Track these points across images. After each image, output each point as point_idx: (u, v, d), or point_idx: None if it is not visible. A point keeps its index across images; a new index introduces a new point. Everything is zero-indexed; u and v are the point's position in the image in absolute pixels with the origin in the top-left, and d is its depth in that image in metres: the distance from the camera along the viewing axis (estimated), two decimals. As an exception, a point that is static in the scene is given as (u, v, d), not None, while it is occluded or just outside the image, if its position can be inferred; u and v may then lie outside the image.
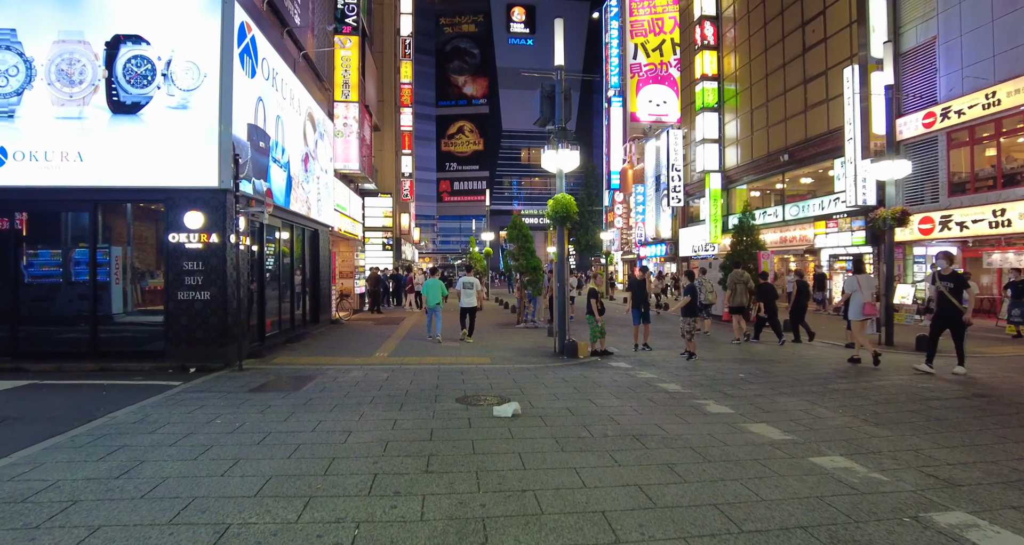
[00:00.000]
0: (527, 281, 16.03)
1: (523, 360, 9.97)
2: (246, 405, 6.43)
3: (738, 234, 17.58)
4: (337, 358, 10.00)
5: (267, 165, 10.65)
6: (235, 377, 8.24)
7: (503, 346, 11.78)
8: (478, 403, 6.50)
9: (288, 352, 10.69)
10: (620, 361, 10.02)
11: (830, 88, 20.67)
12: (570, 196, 10.69)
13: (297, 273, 13.49)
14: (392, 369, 8.92)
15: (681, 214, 31.47)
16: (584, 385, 7.74)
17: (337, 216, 16.56)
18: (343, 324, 15.85)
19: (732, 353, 11.08)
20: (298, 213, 12.60)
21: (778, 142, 23.72)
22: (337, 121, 16.50)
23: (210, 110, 9.04)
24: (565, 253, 11.01)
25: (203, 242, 9.12)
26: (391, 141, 30.39)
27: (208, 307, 9.14)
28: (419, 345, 11.78)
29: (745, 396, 7.08)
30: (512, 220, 16.29)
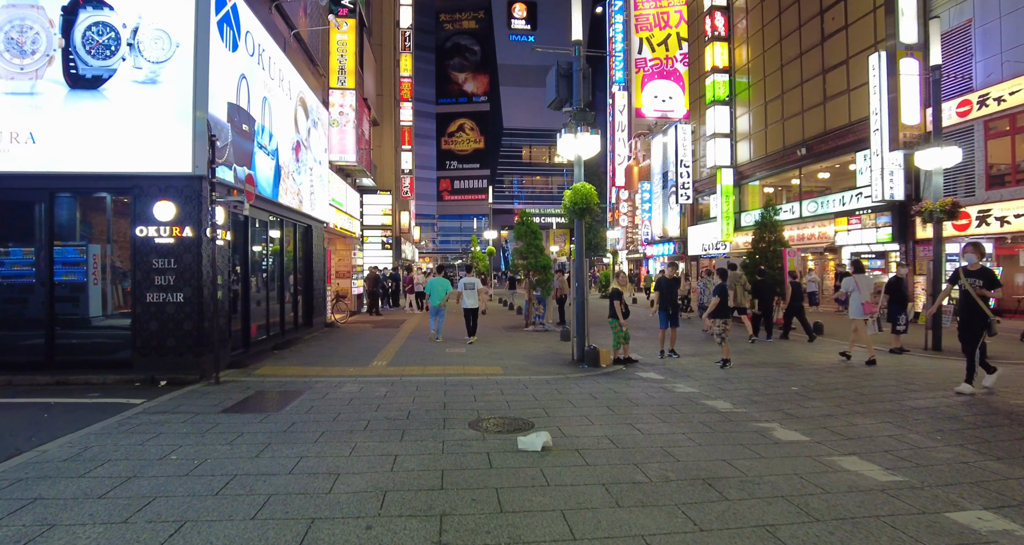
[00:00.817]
0: (536, 281, 14.84)
1: (539, 370, 8.78)
2: (214, 432, 5.22)
3: (760, 231, 16.41)
4: (329, 368, 8.79)
5: (252, 151, 9.45)
6: (209, 392, 7.04)
7: (514, 352, 10.58)
8: (497, 429, 5.31)
9: (275, 361, 9.49)
10: (648, 371, 8.84)
11: (852, 78, 19.50)
12: (590, 185, 9.50)
13: (288, 272, 12.29)
14: (391, 382, 7.72)
15: (690, 212, 30.30)
16: (617, 403, 6.54)
17: (332, 211, 15.36)
18: (339, 327, 14.65)
19: (765, 358, 9.89)
20: (288, 206, 11.40)
21: (794, 135, 22.55)
22: (332, 109, 15.31)
23: (183, 85, 7.83)
24: (584, 249, 9.82)
25: (175, 236, 7.91)
26: (391, 137, 29.19)
27: (181, 311, 7.94)
28: (421, 351, 10.59)
29: (812, 416, 5.89)
30: (520, 216, 15.09)
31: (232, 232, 9.12)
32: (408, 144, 30.70)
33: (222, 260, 8.45)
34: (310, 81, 13.62)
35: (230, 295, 9.18)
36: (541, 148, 65.82)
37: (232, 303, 9.41)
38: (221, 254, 8.40)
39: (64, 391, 7.14)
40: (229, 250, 8.82)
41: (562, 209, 9.88)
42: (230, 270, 8.88)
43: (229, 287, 8.85)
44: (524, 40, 64.63)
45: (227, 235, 8.57)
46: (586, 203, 9.35)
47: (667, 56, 37.86)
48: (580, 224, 9.78)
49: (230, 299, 9.22)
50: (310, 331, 13.16)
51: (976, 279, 6.86)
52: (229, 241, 8.77)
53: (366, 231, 27.27)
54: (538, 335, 13.54)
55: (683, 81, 37.59)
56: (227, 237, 8.57)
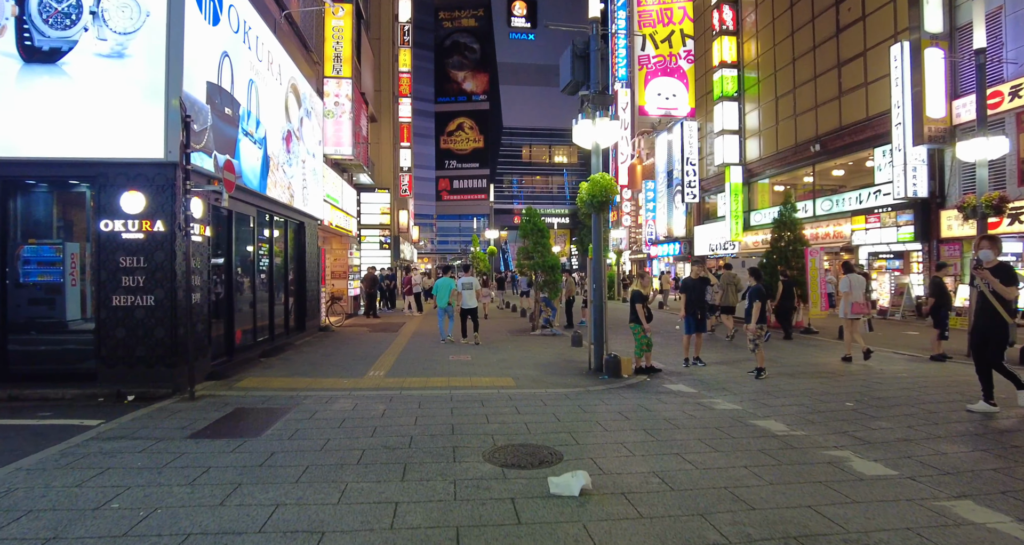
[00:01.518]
0: (543, 282, 13.90)
1: (555, 381, 7.84)
2: (174, 467, 4.26)
3: (779, 230, 15.50)
4: (321, 379, 7.83)
5: (235, 138, 8.49)
6: (181, 410, 6.07)
7: (524, 360, 9.63)
8: (519, 463, 4.35)
9: (261, 370, 8.52)
10: (676, 382, 7.90)
11: (869, 70, 18.63)
12: (609, 176, 8.56)
13: (278, 273, 11.32)
14: (390, 396, 6.76)
15: (696, 211, 29.39)
16: (654, 425, 5.60)
17: (327, 208, 14.40)
18: (334, 331, 13.68)
19: (794, 366, 8.96)
20: (278, 201, 10.43)
21: (807, 132, 21.67)
22: (327, 100, 14.35)
23: (154, 60, 6.87)
24: (602, 246, 8.88)
25: (145, 231, 6.95)
26: (389, 133, 28.24)
27: (152, 316, 6.97)
28: (422, 359, 9.63)
29: (887, 442, 4.96)
30: (526, 213, 14.16)
31: (213, 228, 8.16)
32: (407, 141, 29.76)
33: (201, 259, 7.49)
34: (303, 68, 12.66)
35: (211, 298, 8.22)
36: (541, 147, 64.86)
37: (214, 307, 8.45)
38: (199, 252, 7.44)
39: (10, 409, 6.16)
40: (209, 247, 7.85)
41: (578, 202, 8.94)
42: (210, 270, 7.91)
43: (210, 289, 7.89)
44: (524, 38, 63.71)
45: (206, 230, 7.61)
46: (605, 195, 8.42)
47: (671, 53, 37.01)
48: (598, 219, 8.84)
49: (211, 302, 8.26)
50: (303, 336, 12.19)
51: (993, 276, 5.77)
52: (209, 237, 7.81)
53: (364, 230, 26.34)
54: (547, 340, 12.59)
55: (687, 78, 36.73)
56: (206, 232, 7.61)
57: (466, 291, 12.02)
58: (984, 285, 5.90)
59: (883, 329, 14.32)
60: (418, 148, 52.59)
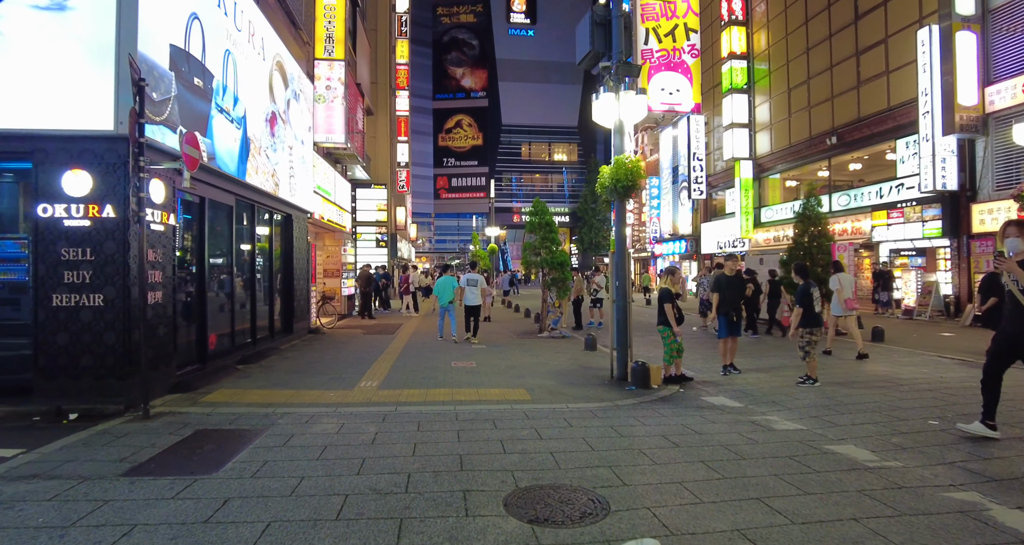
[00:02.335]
0: (551, 280, 12.78)
1: (575, 393, 6.72)
2: (84, 527, 3.12)
3: (803, 225, 14.42)
4: (303, 392, 6.69)
5: (207, 114, 7.36)
6: (127, 434, 4.94)
7: (536, 367, 8.51)
8: (554, 518, 3.23)
9: (236, 380, 7.37)
10: (715, 393, 6.80)
11: (891, 58, 17.58)
12: (636, 159, 7.46)
13: (261, 270, 10.19)
14: (384, 414, 5.64)
15: (703, 208, 28.33)
16: (711, 453, 4.48)
17: (318, 201, 13.26)
18: (325, 334, 12.53)
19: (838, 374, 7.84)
20: (260, 189, 9.29)
21: (822, 124, 20.60)
22: (319, 83, 13.22)
23: (102, 13, 5.74)
24: (625, 239, 7.77)
25: (92, 217, 5.81)
26: (386, 127, 27.09)
27: (101, 318, 5.83)
28: (422, 365, 8.51)
29: (1018, 478, 3.87)
30: (534, 206, 13.05)
31: (182, 217, 7.03)
32: (404, 135, 28.63)
33: (163, 251, 6.35)
34: (292, 48, 11.52)
35: (181, 297, 7.09)
36: (541, 145, 63.63)
37: (184, 307, 7.33)
38: (161, 243, 6.30)
39: (-80, 433, 5.02)
40: (175, 238, 6.72)
41: (598, 189, 7.83)
42: (176, 265, 6.77)
43: (175, 287, 6.75)
44: (524, 34, 62.48)
45: (170, 218, 6.47)
46: (631, 180, 7.32)
47: (674, 47, 35.80)
48: (621, 208, 7.73)
49: (181, 302, 7.14)
50: (289, 339, 11.04)
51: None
52: (175, 227, 6.67)
53: (359, 227, 25.18)
54: (556, 343, 11.48)
55: (691, 73, 35.42)
56: (170, 221, 6.47)
57: (471, 288, 11.56)
58: (1012, 282, 4.73)
59: (913, 331, 13.25)
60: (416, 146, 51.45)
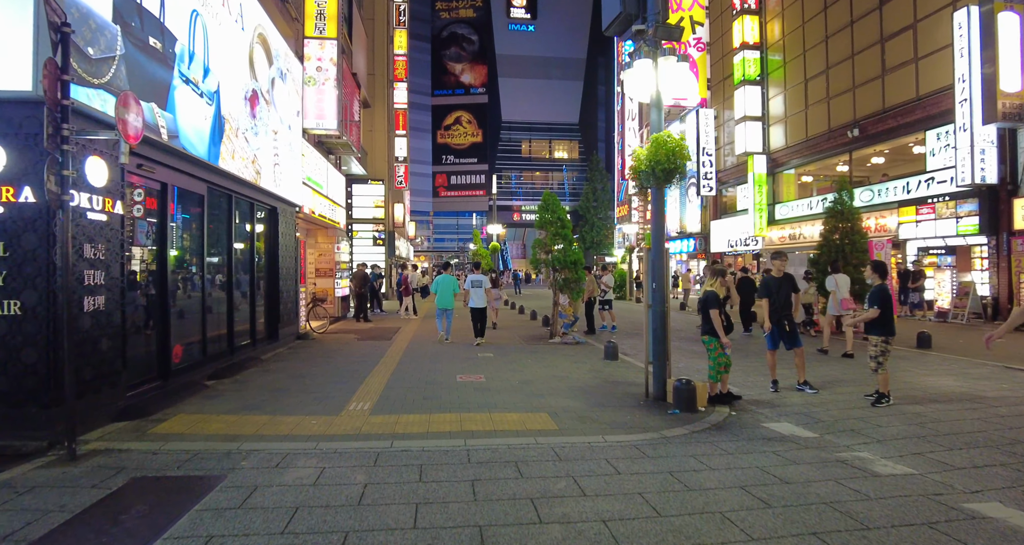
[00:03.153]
0: (563, 281, 11.56)
1: (609, 418, 5.51)
2: None
3: (833, 220, 13.29)
4: (279, 418, 5.45)
5: (167, 82, 6.11)
6: (35, 488, 3.70)
7: (555, 382, 7.29)
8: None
9: (202, 401, 6.14)
10: (776, 417, 5.60)
11: (921, 44, 16.40)
12: (678, 138, 6.26)
13: (240, 269, 8.94)
14: (376, 453, 4.41)
15: (713, 204, 27.14)
16: (817, 517, 3.25)
17: (308, 194, 12.01)
18: (315, 340, 11.28)
19: (904, 387, 6.65)
20: (237, 177, 8.05)
21: (843, 115, 19.41)
22: (309, 64, 11.97)
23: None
24: (664, 232, 6.56)
25: (5, 203, 4.57)
26: (383, 120, 25.83)
27: (18, 330, 4.59)
28: (423, 379, 7.28)
29: None
30: (544, 199, 11.83)
31: (137, 207, 5.80)
32: (403, 129, 27.37)
33: (106, 246, 5.12)
34: (278, 22, 10.27)
35: (134, 302, 5.87)
36: (541, 142, 62.30)
37: (144, 314, 6.10)
38: (103, 236, 5.07)
39: None
40: (122, 231, 5.47)
41: (631, 174, 6.63)
42: (125, 263, 5.53)
43: (125, 289, 5.51)
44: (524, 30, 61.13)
45: (113, 205, 5.23)
46: (672, 162, 6.11)
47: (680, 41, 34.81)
48: (659, 196, 6.53)
49: (137, 308, 5.92)
50: (274, 347, 9.80)
51: None
52: (123, 216, 5.43)
53: (356, 225, 23.94)
54: (571, 351, 10.26)
55: (697, 68, 34.41)
56: (114, 208, 5.23)
57: (475, 289, 10.99)
58: None
59: (955, 335, 12.07)
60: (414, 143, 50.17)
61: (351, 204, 23.60)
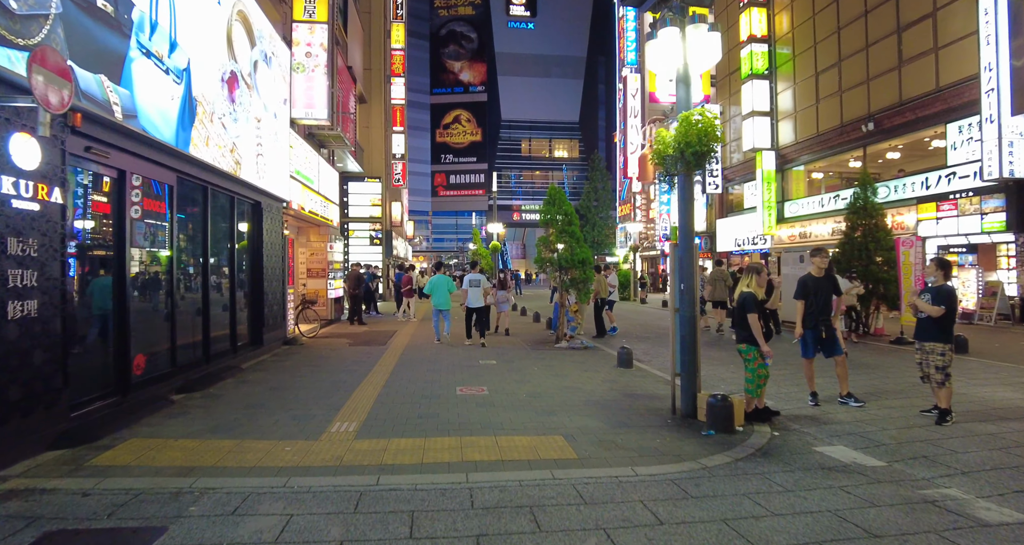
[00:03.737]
0: (570, 281, 10.74)
1: (635, 442, 4.67)
2: None
3: (855, 217, 12.51)
4: (249, 442, 4.61)
5: (122, 53, 5.27)
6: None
7: (567, 395, 6.46)
8: None
9: (163, 421, 5.29)
10: (825, 438, 4.78)
11: (941, 33, 15.59)
12: (710, 115, 5.43)
13: (216, 269, 8.11)
14: (358, 493, 3.57)
15: (719, 203, 26.33)
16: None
17: (297, 188, 11.18)
18: (303, 345, 10.43)
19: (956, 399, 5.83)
20: (212, 166, 7.20)
21: (856, 109, 18.60)
22: (297, 50, 11.13)
23: None
24: (693, 224, 5.73)
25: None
26: (380, 116, 24.98)
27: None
28: (418, 393, 6.44)
29: None
30: (549, 193, 10.99)
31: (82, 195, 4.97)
32: (400, 125, 26.52)
33: (43, 241, 4.28)
34: (262, 2, 9.43)
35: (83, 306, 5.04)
36: (541, 141, 61.40)
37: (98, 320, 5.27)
38: (37, 229, 4.23)
39: None
40: (63, 223, 4.64)
41: (654, 158, 5.82)
42: (64, 261, 4.69)
43: (65, 292, 4.68)
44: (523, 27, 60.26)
45: (49, 192, 4.38)
46: (704, 144, 5.30)
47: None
48: (687, 183, 5.71)
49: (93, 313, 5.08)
50: (256, 354, 8.95)
51: None
52: (63, 206, 4.59)
53: (352, 224, 23.15)
54: (580, 357, 9.42)
55: (700, 64, 33.76)
56: (49, 197, 4.39)
57: (472, 289, 10.60)
58: None
59: (987, 338, 11.24)
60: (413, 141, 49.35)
61: (347, 202, 22.80)
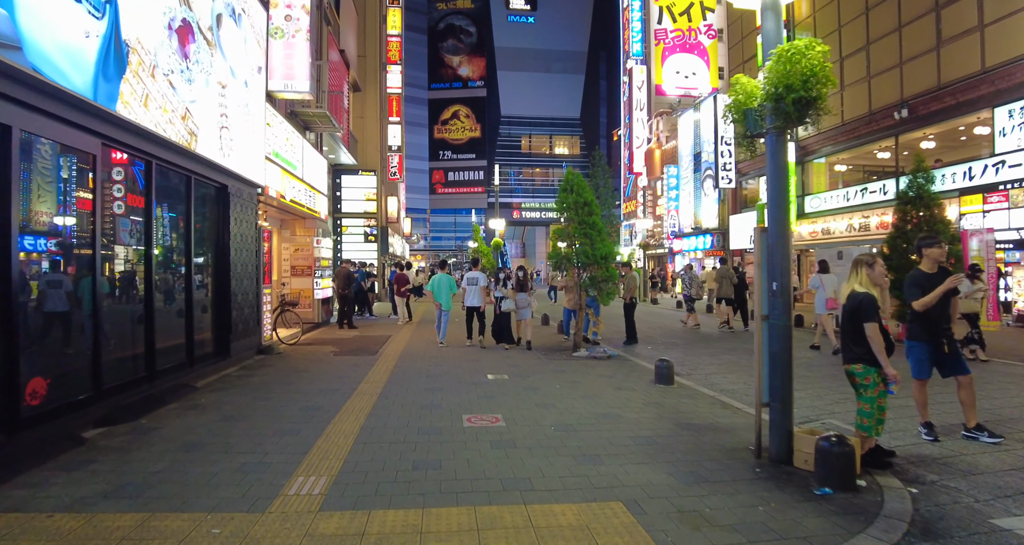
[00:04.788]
0: (589, 280, 9.21)
1: (731, 516, 3.14)
2: None
3: (908, 207, 11.02)
4: (158, 519, 3.03)
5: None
6: None
7: (608, 428, 4.92)
8: None
9: (45, 478, 3.70)
10: (985, 497, 3.27)
11: (987, 9, 14.13)
12: (819, 51, 3.89)
13: (165, 263, 6.55)
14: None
15: (732, 198, 24.82)
16: None
17: (277, 173, 9.63)
18: (280, 354, 8.86)
19: None
20: (156, 134, 5.64)
21: (888, 95, 17.14)
22: (275, 12, 9.56)
23: None
24: (788, 200, 4.17)
25: None
26: (375, 106, 23.42)
27: None
28: (414, 426, 4.90)
29: None
30: (566, 177, 9.45)
31: None
32: (397, 116, 24.94)
33: None
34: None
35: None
36: (541, 138, 59.75)
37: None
38: None
39: None
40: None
41: (733, 112, 4.29)
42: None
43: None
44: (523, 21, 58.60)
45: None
46: (811, 86, 3.76)
47: (690, 27, 32.56)
48: (779, 143, 4.16)
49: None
50: (219, 367, 7.38)
51: None
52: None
53: (345, 220, 21.59)
54: (605, 368, 7.89)
55: (708, 55, 32.30)
56: None
57: (471, 287, 9.89)
58: None
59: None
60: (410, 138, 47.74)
61: (340, 197, 21.25)
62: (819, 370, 7.84)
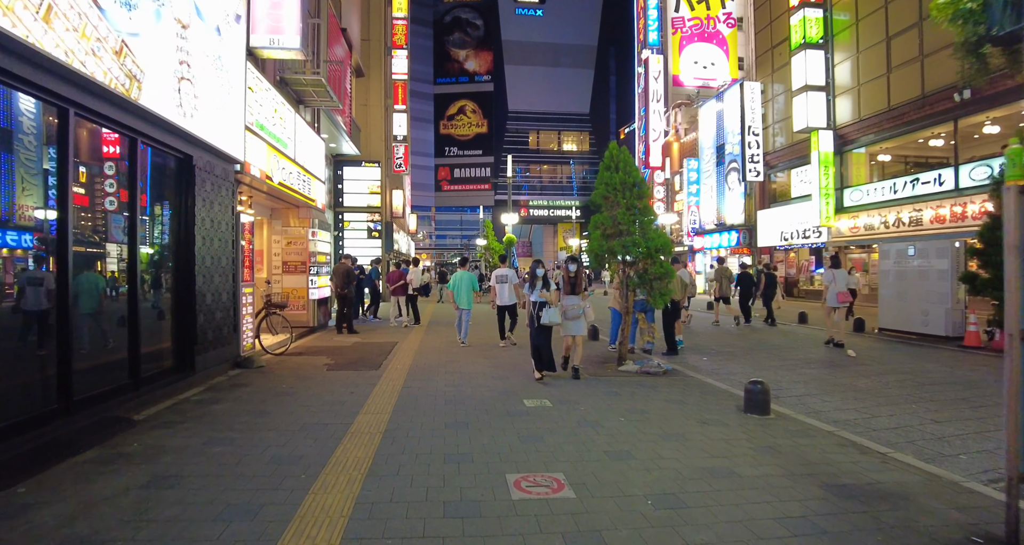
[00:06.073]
0: (638, 278, 7.45)
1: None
2: None
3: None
4: None
5: None
6: None
7: (727, 500, 3.19)
8: None
9: None
10: None
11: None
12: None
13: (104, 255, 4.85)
14: None
15: (759, 192, 23.01)
16: None
17: (263, 149, 7.93)
18: (260, 369, 7.13)
19: None
20: (64, 66, 3.93)
21: (942, 77, 15.31)
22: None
23: None
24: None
25: None
26: (379, 93, 21.71)
27: None
28: (433, 498, 3.19)
29: None
30: (609, 153, 7.69)
31: None
32: (403, 104, 23.22)
33: None
34: None
35: None
36: (549, 134, 57.85)
37: None
38: None
39: None
40: None
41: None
42: None
43: None
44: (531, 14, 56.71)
45: None
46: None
47: (708, 15, 30.81)
48: None
49: None
50: (176, 389, 5.66)
51: None
52: None
53: (348, 214, 19.92)
54: (667, 389, 6.14)
55: (727, 45, 30.57)
56: None
57: (500, 285, 9.11)
58: None
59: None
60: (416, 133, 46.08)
61: (342, 189, 19.57)
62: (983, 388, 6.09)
